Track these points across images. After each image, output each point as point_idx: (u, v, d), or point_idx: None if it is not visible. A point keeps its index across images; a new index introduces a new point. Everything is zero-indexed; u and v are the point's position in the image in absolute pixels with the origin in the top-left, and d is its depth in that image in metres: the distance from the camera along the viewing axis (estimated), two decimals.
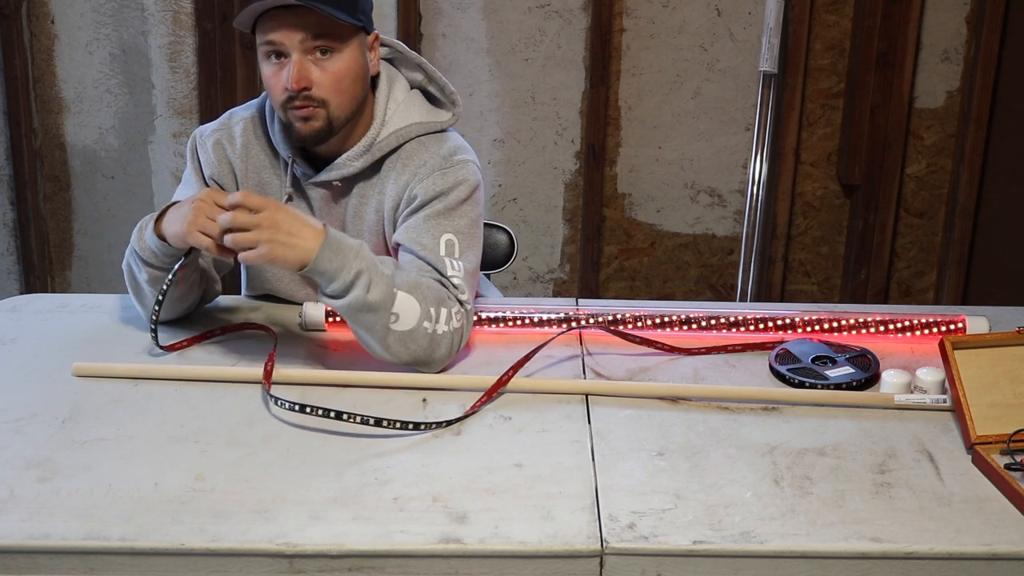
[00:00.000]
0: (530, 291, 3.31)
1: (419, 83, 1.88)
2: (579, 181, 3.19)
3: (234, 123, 1.88)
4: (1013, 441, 1.45)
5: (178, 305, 1.80)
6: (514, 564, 1.27)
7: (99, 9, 3.08)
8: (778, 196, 3.16)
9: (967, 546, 1.28)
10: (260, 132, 1.86)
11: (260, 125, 1.86)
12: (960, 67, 3.09)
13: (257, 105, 1.89)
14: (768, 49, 2.95)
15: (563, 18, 3.06)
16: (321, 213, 1.84)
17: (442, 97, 1.87)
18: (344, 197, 1.83)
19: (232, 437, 1.49)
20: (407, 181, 1.79)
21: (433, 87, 1.87)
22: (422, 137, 1.82)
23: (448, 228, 1.74)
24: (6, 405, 1.57)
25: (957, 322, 1.81)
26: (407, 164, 1.80)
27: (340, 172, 1.79)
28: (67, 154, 3.21)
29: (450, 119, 1.85)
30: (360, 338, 1.66)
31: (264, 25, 1.70)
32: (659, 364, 1.74)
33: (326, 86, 1.71)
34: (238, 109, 1.91)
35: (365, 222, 1.83)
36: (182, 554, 1.27)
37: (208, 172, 1.86)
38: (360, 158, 1.79)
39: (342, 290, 1.60)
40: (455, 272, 1.71)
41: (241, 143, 1.85)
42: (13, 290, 3.29)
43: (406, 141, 1.80)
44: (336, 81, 1.71)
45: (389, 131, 1.80)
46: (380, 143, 1.79)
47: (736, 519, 1.32)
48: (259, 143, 1.86)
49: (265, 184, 1.85)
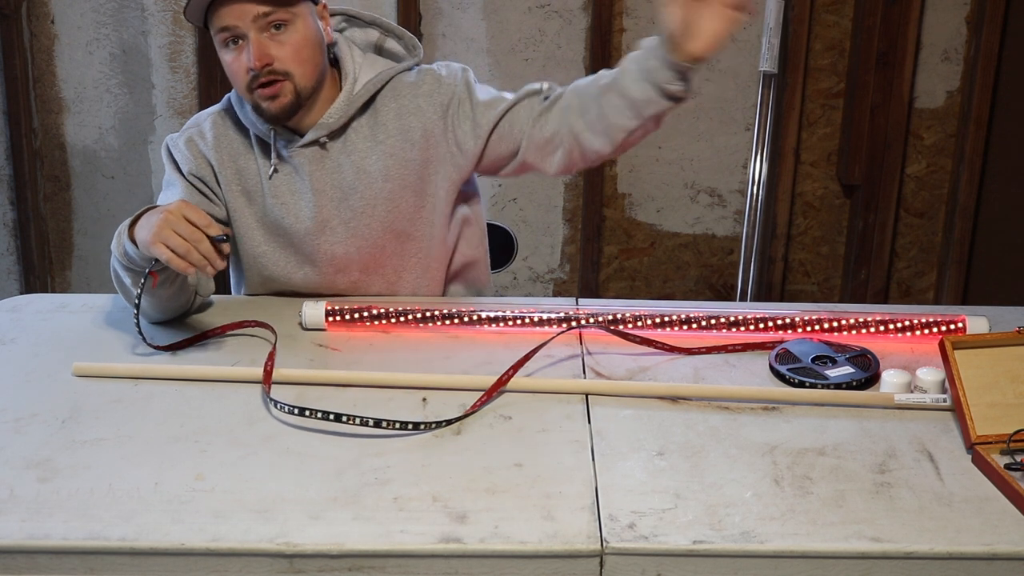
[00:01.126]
0: (530, 291, 3.31)
1: (375, 42, 1.94)
2: (579, 181, 3.19)
3: (202, 120, 1.92)
4: (1013, 441, 1.45)
5: (168, 305, 1.80)
6: (514, 564, 1.27)
7: (99, 9, 3.08)
8: (778, 196, 3.16)
9: (967, 546, 1.28)
10: (230, 122, 1.89)
11: (229, 117, 1.90)
12: (960, 67, 3.09)
13: (222, 102, 1.93)
14: (768, 49, 2.95)
15: (563, 18, 3.06)
16: (313, 177, 1.86)
17: (401, 47, 1.94)
18: (339, 156, 1.86)
19: (232, 437, 1.49)
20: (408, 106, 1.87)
21: (391, 39, 1.94)
22: (397, 76, 1.89)
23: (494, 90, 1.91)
24: (6, 405, 1.57)
25: (957, 322, 1.81)
26: (398, 94, 1.87)
27: (327, 128, 1.83)
28: (67, 154, 3.22)
29: (413, 63, 1.92)
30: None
31: (215, 14, 1.74)
32: (659, 364, 1.74)
33: (287, 58, 1.75)
34: (201, 112, 1.95)
35: (371, 173, 1.86)
36: (182, 554, 1.27)
37: (186, 168, 1.87)
38: (340, 111, 1.83)
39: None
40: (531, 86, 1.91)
41: (212, 136, 1.88)
42: (13, 290, 3.29)
43: (385, 83, 1.87)
44: (296, 51, 1.76)
45: (362, 82, 1.85)
46: (358, 93, 1.84)
47: (736, 519, 1.32)
48: (231, 132, 1.89)
49: (243, 171, 1.88)
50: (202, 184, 1.87)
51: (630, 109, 1.77)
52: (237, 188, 1.88)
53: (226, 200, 1.89)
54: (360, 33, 1.93)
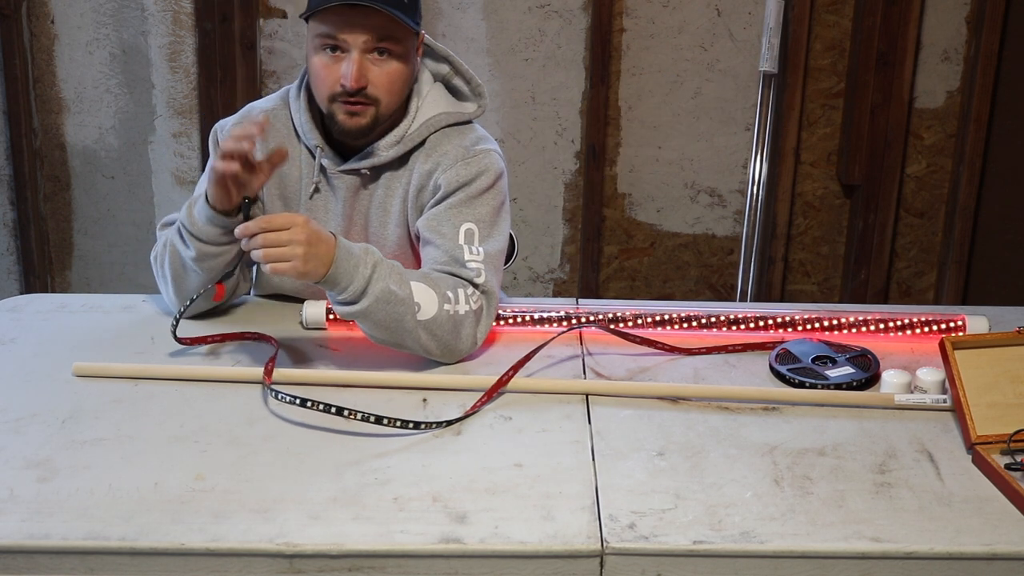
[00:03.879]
0: (530, 291, 3.31)
1: (444, 76, 1.89)
2: (579, 181, 3.19)
3: (255, 114, 1.88)
4: (1013, 441, 1.45)
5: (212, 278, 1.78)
6: (514, 564, 1.27)
7: (99, 9, 3.08)
8: (778, 196, 3.16)
9: (967, 546, 1.28)
10: (281, 124, 1.87)
11: (281, 117, 1.87)
12: (960, 67, 3.09)
13: (279, 97, 1.89)
14: (768, 49, 2.95)
15: (563, 18, 3.06)
16: (347, 203, 1.84)
17: (467, 90, 1.89)
18: (370, 186, 1.84)
19: (232, 437, 1.49)
20: (430, 170, 1.81)
21: (459, 80, 1.89)
22: (447, 128, 1.84)
23: (469, 217, 1.76)
24: (6, 405, 1.57)
25: (957, 322, 1.81)
26: (430, 154, 1.82)
27: (370, 161, 1.81)
28: (67, 154, 3.21)
29: (475, 111, 1.88)
30: (387, 339, 1.67)
31: (327, 18, 1.70)
32: (659, 364, 1.74)
33: (381, 86, 1.73)
34: (258, 102, 1.93)
35: (391, 214, 1.84)
36: (182, 554, 1.27)
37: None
38: (391, 148, 1.81)
39: (362, 288, 1.61)
40: (473, 256, 1.74)
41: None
42: (13, 290, 3.29)
43: (434, 131, 1.83)
44: (391, 82, 1.74)
45: (419, 122, 1.82)
46: (411, 134, 1.81)
47: (736, 519, 1.32)
48: (280, 135, 1.86)
49: (285, 176, 1.86)
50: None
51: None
52: (276, 191, 1.87)
53: (264, 201, 1.88)
54: (432, 64, 1.89)
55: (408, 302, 1.64)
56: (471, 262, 1.73)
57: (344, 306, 1.64)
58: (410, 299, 1.64)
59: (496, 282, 1.76)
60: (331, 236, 1.61)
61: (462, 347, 1.70)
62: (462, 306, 1.69)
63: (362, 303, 1.62)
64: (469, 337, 1.70)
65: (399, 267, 1.67)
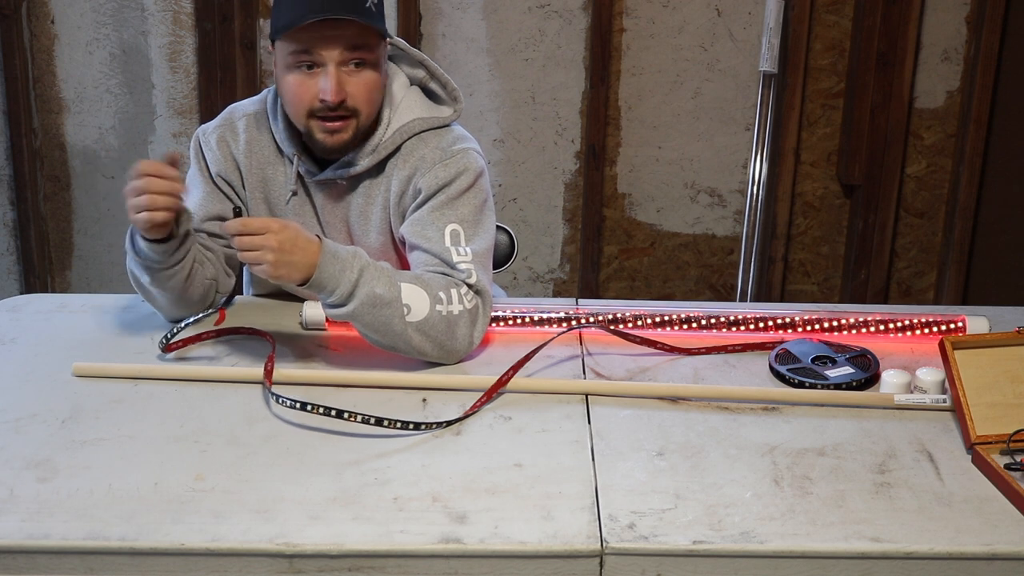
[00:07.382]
0: (530, 291, 3.31)
1: (420, 80, 1.88)
2: (579, 181, 3.19)
3: (236, 119, 1.88)
4: (1013, 441, 1.45)
5: (181, 302, 1.80)
6: (514, 564, 1.27)
7: (99, 9, 3.08)
8: (778, 196, 3.16)
9: (967, 546, 1.28)
10: (263, 128, 1.86)
11: (263, 121, 1.87)
12: (960, 67, 3.09)
13: (259, 101, 1.89)
14: (768, 49, 2.95)
15: (563, 18, 3.06)
16: (324, 211, 1.84)
17: (443, 94, 1.88)
18: (348, 195, 1.84)
19: (232, 437, 1.49)
20: (409, 175, 1.80)
21: (435, 84, 1.88)
22: (423, 133, 1.83)
23: (452, 218, 1.76)
24: (6, 405, 1.57)
25: (957, 322, 1.81)
26: (408, 159, 1.81)
27: (345, 170, 1.80)
28: (67, 154, 3.21)
29: (451, 115, 1.86)
30: (381, 342, 1.67)
31: (299, 36, 1.69)
32: (659, 364, 1.74)
33: (360, 97, 1.73)
34: (239, 105, 1.92)
35: (371, 221, 1.84)
36: (182, 554, 1.27)
37: (215, 170, 1.86)
38: (366, 157, 1.80)
39: (349, 292, 1.61)
40: (462, 257, 1.73)
41: (244, 139, 1.86)
42: (13, 290, 3.29)
43: (409, 137, 1.81)
44: (368, 92, 1.74)
45: (393, 129, 1.81)
46: (385, 142, 1.80)
47: (736, 519, 1.32)
48: (263, 139, 1.86)
49: (269, 180, 1.86)
50: (228, 187, 1.87)
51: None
52: (260, 196, 1.87)
53: (248, 203, 1.88)
54: (408, 69, 1.88)
55: (396, 304, 1.64)
56: (461, 263, 1.73)
57: (332, 309, 1.65)
58: (398, 301, 1.64)
59: (487, 280, 1.76)
60: (315, 240, 1.61)
61: (459, 347, 1.70)
62: (456, 306, 1.68)
63: (349, 306, 1.63)
64: (465, 337, 1.70)
65: (389, 269, 1.67)
